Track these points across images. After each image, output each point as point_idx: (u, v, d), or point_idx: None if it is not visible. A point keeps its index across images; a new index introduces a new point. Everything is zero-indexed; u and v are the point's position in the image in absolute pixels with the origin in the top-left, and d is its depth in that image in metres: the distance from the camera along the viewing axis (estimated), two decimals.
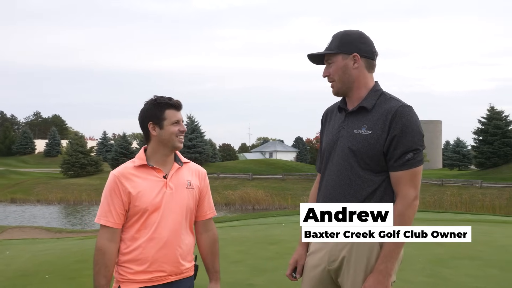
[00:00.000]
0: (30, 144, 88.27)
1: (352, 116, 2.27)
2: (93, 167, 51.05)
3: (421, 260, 6.41)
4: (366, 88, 2.28)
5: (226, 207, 35.15)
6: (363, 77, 2.27)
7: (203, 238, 2.63)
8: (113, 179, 2.41)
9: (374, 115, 2.19)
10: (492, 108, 45.75)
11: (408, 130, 2.13)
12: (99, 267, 2.34)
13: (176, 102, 2.48)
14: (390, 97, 2.24)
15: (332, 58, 2.28)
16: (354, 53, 2.24)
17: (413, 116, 2.17)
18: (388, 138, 2.14)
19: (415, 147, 2.14)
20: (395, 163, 2.14)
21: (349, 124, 2.26)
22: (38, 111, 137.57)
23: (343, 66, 2.26)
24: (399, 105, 2.17)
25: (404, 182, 2.13)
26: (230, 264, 6.41)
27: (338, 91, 2.31)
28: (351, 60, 2.25)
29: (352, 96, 2.30)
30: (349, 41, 2.26)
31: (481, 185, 32.43)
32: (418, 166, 2.14)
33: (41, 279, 6.15)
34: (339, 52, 2.26)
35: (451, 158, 55.98)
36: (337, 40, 2.28)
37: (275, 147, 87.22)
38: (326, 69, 2.32)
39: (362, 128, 2.20)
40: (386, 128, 2.14)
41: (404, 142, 2.12)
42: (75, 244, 10.59)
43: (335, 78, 2.28)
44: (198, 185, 2.58)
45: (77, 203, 38.79)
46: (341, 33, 2.30)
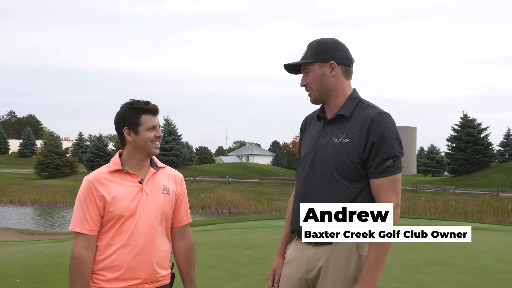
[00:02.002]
0: (3, 144, 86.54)
1: (331, 125, 2.26)
2: (68, 168, 50.30)
3: (396, 266, 6.47)
4: (344, 96, 2.28)
5: (202, 210, 34.98)
6: (340, 85, 2.27)
7: (179, 245, 2.57)
8: (87, 185, 2.34)
9: (352, 123, 2.20)
10: (465, 115, 46.57)
11: (387, 137, 2.13)
12: (75, 276, 2.27)
13: (152, 107, 2.42)
14: (368, 105, 2.24)
15: (309, 67, 2.28)
16: (330, 61, 2.24)
17: (391, 123, 2.18)
18: (368, 145, 2.14)
19: (394, 154, 2.14)
20: (375, 170, 2.13)
21: (327, 132, 2.25)
22: (13, 110, 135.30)
23: (320, 75, 2.25)
24: (376, 112, 2.18)
25: (385, 189, 2.13)
26: (205, 268, 6.38)
27: (316, 99, 2.31)
28: (328, 68, 2.25)
29: (330, 104, 2.30)
30: (325, 49, 2.26)
31: (454, 191, 32.99)
32: (398, 173, 2.15)
33: (12, 283, 6.02)
34: (316, 60, 2.25)
35: (425, 164, 56.84)
36: (313, 49, 2.27)
37: (252, 151, 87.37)
38: (304, 78, 2.31)
39: (341, 137, 2.19)
40: (364, 135, 2.15)
41: (384, 149, 2.12)
42: (48, 246, 10.41)
43: (313, 87, 2.28)
44: (175, 190, 2.52)
45: (51, 204, 38.13)
46: (317, 42, 2.30)
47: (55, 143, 52.89)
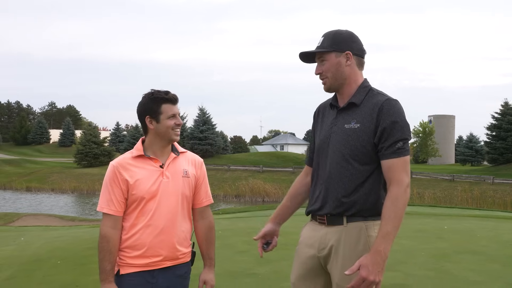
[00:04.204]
0: (45, 134, 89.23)
1: (343, 112, 2.38)
2: (106, 157, 51.43)
3: (424, 254, 6.48)
4: (356, 85, 2.39)
5: (236, 198, 35.31)
6: (354, 74, 2.39)
7: (199, 225, 2.71)
8: (112, 169, 2.51)
9: (362, 109, 2.32)
10: (506, 103, 45.27)
11: (397, 121, 2.25)
12: (104, 253, 2.44)
13: (172, 96, 2.55)
14: (378, 92, 2.36)
15: (325, 56, 2.38)
16: (347, 51, 2.35)
17: (400, 108, 2.29)
18: (378, 129, 2.25)
19: (404, 136, 2.25)
20: (386, 151, 2.24)
21: (340, 120, 2.38)
22: (53, 101, 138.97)
23: (336, 63, 2.36)
24: (385, 98, 2.30)
25: (397, 169, 2.23)
26: (236, 253, 6.55)
27: (330, 87, 2.42)
28: (344, 58, 2.36)
29: (343, 93, 2.41)
30: (341, 40, 2.36)
31: (493, 181, 32.10)
32: (407, 155, 2.26)
33: (54, 264, 6.36)
34: (332, 50, 2.36)
35: (464, 153, 55.55)
36: (329, 39, 2.37)
37: (286, 140, 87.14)
38: (319, 66, 2.42)
39: (352, 123, 2.32)
40: (374, 120, 2.27)
41: (394, 133, 2.24)
42: (87, 231, 10.81)
43: (328, 75, 2.38)
44: (195, 174, 2.66)
45: (90, 192, 39.23)
46: (333, 32, 2.40)
47: (93, 133, 54.17)
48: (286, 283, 5.07)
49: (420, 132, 56.02)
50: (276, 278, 5.29)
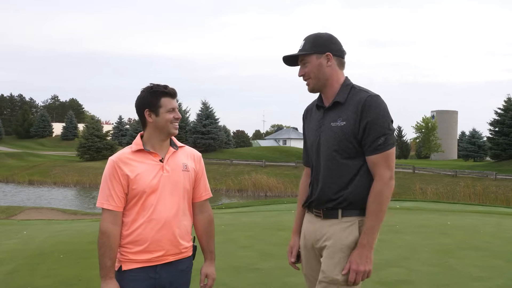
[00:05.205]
0: (47, 127, 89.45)
1: (330, 111, 2.49)
2: (108, 151, 51.53)
3: (427, 249, 6.48)
4: (338, 84, 2.50)
5: (239, 193, 35.35)
6: (335, 74, 2.50)
7: (199, 219, 2.72)
8: (111, 164, 2.50)
9: (347, 107, 2.43)
10: (509, 99, 45.12)
11: (378, 117, 2.35)
12: (104, 249, 2.43)
13: (171, 90, 2.56)
14: (360, 89, 2.47)
15: (306, 58, 2.49)
16: (327, 53, 2.47)
17: (381, 103, 2.39)
18: (361, 126, 2.36)
19: (385, 131, 2.35)
20: (369, 147, 2.36)
21: (327, 119, 2.49)
22: (56, 94, 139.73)
23: (317, 65, 2.48)
24: (368, 95, 2.40)
25: (379, 164, 2.35)
26: (239, 248, 6.56)
27: (314, 88, 2.53)
28: (325, 59, 2.47)
29: (326, 92, 2.52)
30: (321, 43, 2.48)
31: (496, 177, 32.07)
32: (390, 149, 2.36)
33: (57, 258, 6.37)
34: (313, 52, 2.47)
35: (466, 149, 55.48)
36: (310, 42, 2.49)
37: (289, 135, 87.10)
38: (302, 69, 2.53)
39: (338, 121, 2.43)
40: (358, 117, 2.37)
41: (376, 128, 2.34)
42: (90, 225, 10.84)
43: (311, 76, 2.49)
44: (194, 168, 2.67)
45: (92, 186, 39.32)
46: (313, 36, 2.52)
47: (96, 127, 54.26)
48: (289, 278, 5.07)
49: (423, 128, 55.97)
50: (279, 273, 5.29)
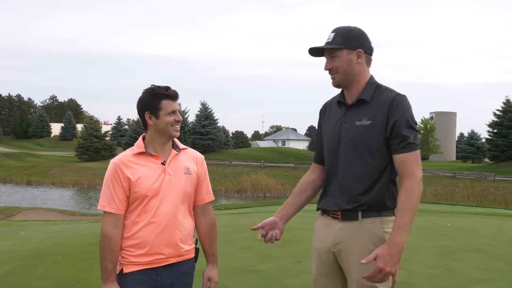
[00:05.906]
0: (46, 128, 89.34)
1: (353, 109, 2.40)
2: (107, 152, 51.55)
3: (428, 251, 6.45)
4: (364, 81, 2.42)
5: (238, 194, 35.33)
6: (363, 71, 2.41)
7: (201, 222, 2.69)
8: (113, 167, 2.47)
9: (372, 106, 2.35)
10: (508, 100, 45.13)
11: (407, 116, 2.29)
12: (105, 252, 2.42)
13: (172, 93, 2.52)
14: (386, 89, 2.40)
15: (336, 52, 2.39)
16: (358, 49, 2.38)
17: (408, 103, 2.34)
18: (389, 124, 2.29)
19: (414, 131, 2.30)
20: (398, 146, 2.27)
21: (350, 117, 2.39)
22: (55, 95, 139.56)
23: (348, 61, 2.37)
24: (395, 94, 2.34)
25: (410, 163, 2.26)
26: (238, 250, 6.52)
27: (340, 83, 2.44)
28: (355, 55, 2.38)
29: (351, 89, 2.43)
30: (353, 38, 2.39)
31: (494, 178, 32.09)
32: (418, 149, 2.31)
33: (54, 259, 6.32)
34: (345, 47, 2.37)
35: (465, 150, 55.51)
36: (341, 36, 2.39)
37: (288, 136, 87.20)
38: (329, 62, 2.42)
39: (363, 120, 2.34)
40: (385, 116, 2.30)
41: (404, 128, 2.28)
42: (88, 226, 10.79)
43: (339, 71, 2.39)
44: (196, 171, 2.63)
45: (91, 186, 39.28)
46: (345, 29, 2.42)
47: (94, 127, 54.23)
48: (289, 280, 5.03)
49: (422, 129, 55.88)
50: (279, 275, 5.26)
